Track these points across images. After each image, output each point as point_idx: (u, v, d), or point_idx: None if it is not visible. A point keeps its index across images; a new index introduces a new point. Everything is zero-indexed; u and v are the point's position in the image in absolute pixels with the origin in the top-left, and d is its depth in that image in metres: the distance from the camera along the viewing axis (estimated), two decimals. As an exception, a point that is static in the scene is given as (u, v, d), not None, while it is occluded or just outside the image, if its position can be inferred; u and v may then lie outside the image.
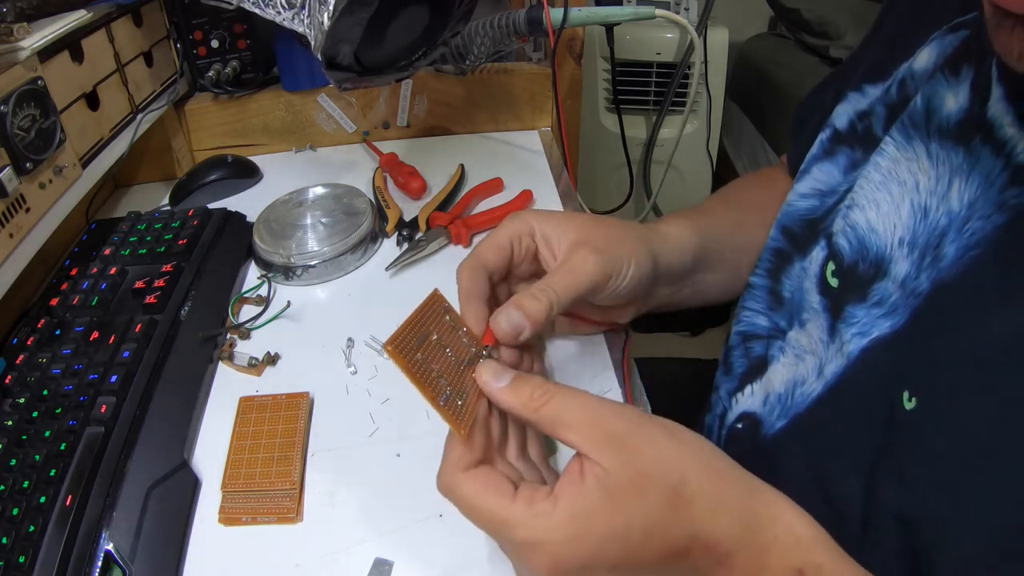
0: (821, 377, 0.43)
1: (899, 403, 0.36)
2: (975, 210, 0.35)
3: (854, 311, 0.41)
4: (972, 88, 0.37)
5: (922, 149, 0.39)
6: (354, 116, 0.83)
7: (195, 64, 0.78)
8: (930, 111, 0.39)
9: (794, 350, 0.46)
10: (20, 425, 0.46)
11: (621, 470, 0.31)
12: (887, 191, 0.41)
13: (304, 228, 0.64)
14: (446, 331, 0.38)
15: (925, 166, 0.39)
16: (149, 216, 0.68)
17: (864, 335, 0.40)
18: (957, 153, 0.37)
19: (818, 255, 0.45)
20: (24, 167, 0.50)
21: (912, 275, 0.38)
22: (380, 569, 0.39)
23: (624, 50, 1.34)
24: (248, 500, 0.43)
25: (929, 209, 0.38)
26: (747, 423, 0.49)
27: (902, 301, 0.38)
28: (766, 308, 0.51)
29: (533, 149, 0.82)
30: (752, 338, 0.52)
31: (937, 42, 0.42)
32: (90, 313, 0.56)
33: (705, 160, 1.44)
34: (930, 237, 0.38)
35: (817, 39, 1.43)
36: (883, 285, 0.39)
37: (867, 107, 0.46)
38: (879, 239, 0.41)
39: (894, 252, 0.39)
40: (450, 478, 0.33)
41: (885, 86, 0.45)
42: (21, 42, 0.51)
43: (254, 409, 0.48)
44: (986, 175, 0.35)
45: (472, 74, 0.81)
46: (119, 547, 0.39)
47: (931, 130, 0.39)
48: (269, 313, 0.59)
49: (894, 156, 0.41)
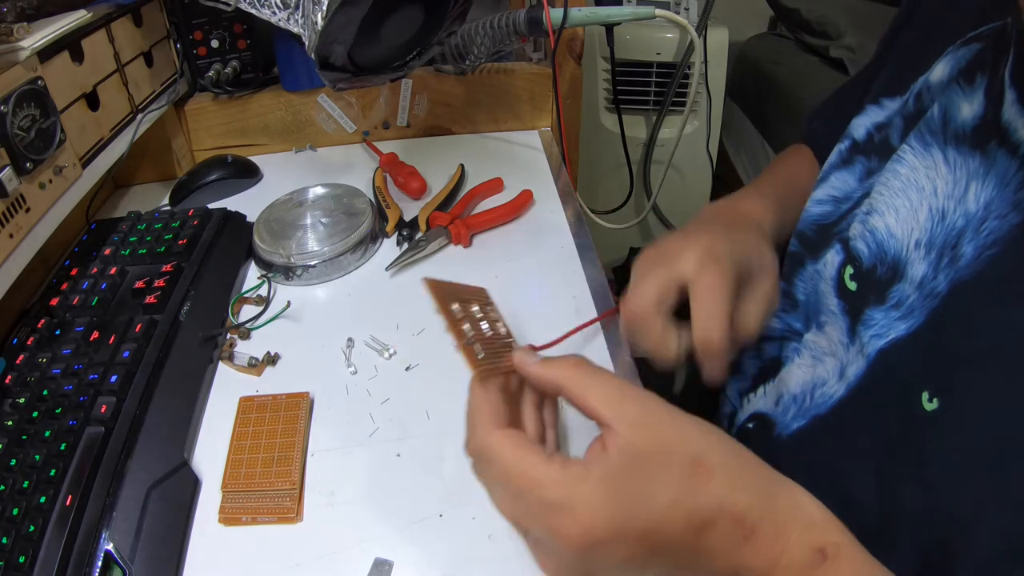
0: (843, 379, 0.43)
1: (919, 403, 0.36)
2: (991, 210, 0.36)
3: (872, 314, 0.41)
4: (986, 95, 0.38)
5: (939, 156, 0.40)
6: (354, 116, 0.83)
7: (195, 64, 0.78)
8: (947, 119, 0.40)
9: (811, 352, 0.47)
10: (20, 425, 0.46)
11: (643, 441, 0.31)
12: (906, 197, 0.41)
13: (304, 228, 0.64)
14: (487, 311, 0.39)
15: (943, 172, 0.40)
16: (149, 216, 0.68)
17: (881, 337, 0.40)
18: (973, 157, 0.38)
19: (833, 259, 0.46)
20: (24, 167, 0.50)
21: (930, 276, 0.39)
22: (380, 569, 0.39)
23: (624, 50, 1.34)
24: (248, 500, 0.43)
25: (947, 212, 0.39)
26: (759, 423, 0.49)
27: (919, 303, 0.39)
28: (779, 310, 0.52)
29: (533, 149, 0.82)
30: (764, 339, 0.52)
31: (951, 55, 0.43)
32: (90, 313, 0.56)
33: (705, 160, 1.44)
34: (947, 238, 0.38)
35: (817, 39, 1.43)
36: (901, 287, 0.40)
37: (885, 119, 0.47)
38: (897, 243, 0.41)
39: (910, 254, 0.40)
40: (484, 435, 0.33)
41: (903, 99, 0.46)
42: (21, 42, 0.51)
43: (254, 409, 0.48)
44: (1001, 176, 0.36)
45: (472, 74, 0.81)
46: (119, 547, 0.39)
47: (948, 137, 0.40)
48: (269, 313, 0.59)
49: (912, 164, 0.42)
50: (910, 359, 0.39)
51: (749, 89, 1.61)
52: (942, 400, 0.35)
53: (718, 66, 1.36)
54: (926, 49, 0.45)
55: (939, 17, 0.47)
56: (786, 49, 1.56)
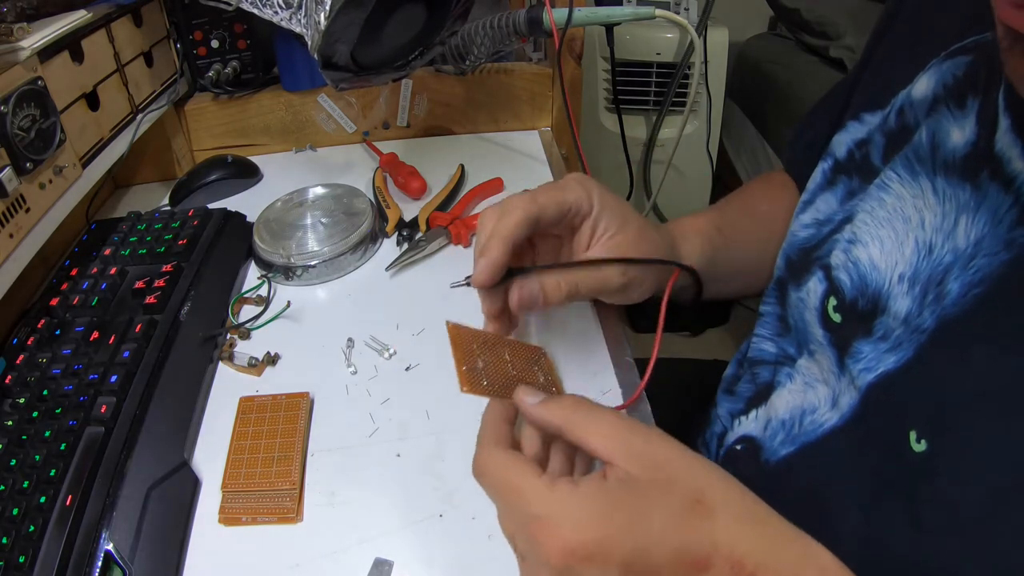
0: (836, 408, 0.42)
1: (907, 443, 0.35)
2: (981, 247, 0.34)
3: (860, 346, 0.40)
4: (978, 119, 0.36)
5: (928, 185, 0.38)
6: (354, 116, 0.83)
7: (195, 64, 0.78)
8: (935, 145, 0.38)
9: (803, 377, 0.46)
10: (20, 425, 0.46)
11: (645, 473, 0.30)
12: (891, 228, 0.40)
13: (304, 228, 0.64)
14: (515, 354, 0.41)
15: (931, 202, 0.38)
16: (149, 216, 0.68)
17: (870, 370, 0.39)
18: (964, 189, 0.36)
19: (815, 287, 0.44)
20: (24, 167, 0.50)
21: (915, 312, 0.37)
22: (380, 569, 0.39)
23: (624, 50, 1.34)
24: (248, 500, 0.43)
25: (934, 246, 0.37)
26: (747, 446, 0.48)
27: (906, 336, 0.37)
28: (774, 334, 0.51)
29: (533, 149, 0.82)
30: (759, 363, 0.52)
31: (935, 69, 0.41)
32: (90, 313, 0.56)
33: (705, 160, 1.44)
34: (933, 273, 0.37)
35: (817, 39, 1.43)
36: (884, 320, 0.39)
37: (866, 135, 0.45)
38: (879, 275, 0.40)
39: (893, 288, 0.39)
40: (485, 454, 0.33)
41: (884, 114, 0.44)
42: (21, 42, 0.51)
43: (254, 409, 0.48)
44: (994, 212, 0.34)
45: (472, 74, 0.81)
46: (119, 547, 0.39)
47: (937, 165, 0.38)
48: (269, 313, 0.59)
49: (899, 193, 0.40)
50: (899, 395, 0.37)
51: (749, 89, 1.61)
52: (931, 442, 0.34)
53: (718, 66, 1.36)
54: (908, 60, 0.43)
55: (921, 25, 0.45)
56: (786, 49, 1.56)
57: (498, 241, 0.40)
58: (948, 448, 0.33)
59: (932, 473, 0.34)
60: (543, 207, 0.42)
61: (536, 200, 0.42)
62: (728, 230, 0.54)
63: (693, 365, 0.79)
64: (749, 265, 0.55)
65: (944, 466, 0.33)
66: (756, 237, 0.55)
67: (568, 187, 0.44)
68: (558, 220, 0.43)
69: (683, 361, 0.79)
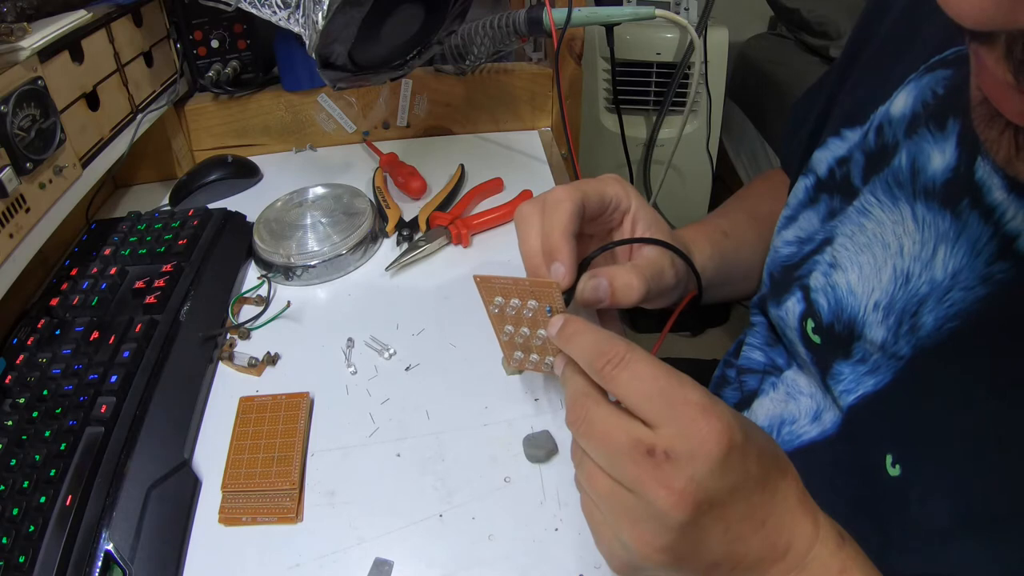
0: (818, 423, 0.42)
1: (883, 466, 0.35)
2: (958, 280, 0.34)
3: (840, 367, 0.40)
4: (959, 143, 0.35)
5: (908, 211, 0.38)
6: (354, 116, 0.83)
7: (195, 64, 0.78)
8: (916, 170, 0.38)
9: (787, 388, 0.46)
10: (20, 425, 0.46)
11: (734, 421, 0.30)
12: (871, 253, 0.40)
13: (304, 228, 0.64)
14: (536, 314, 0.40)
15: (911, 228, 0.37)
16: (149, 216, 0.68)
17: (851, 392, 0.39)
18: (944, 217, 0.35)
19: (794, 307, 0.45)
20: (24, 167, 0.50)
21: (890, 340, 0.37)
22: (380, 569, 0.39)
23: (624, 50, 1.34)
24: (248, 500, 0.43)
25: (911, 275, 0.37)
26: None
27: (884, 361, 0.38)
28: (764, 343, 0.51)
29: (533, 149, 0.82)
30: (747, 372, 0.52)
31: (914, 84, 0.40)
32: (90, 313, 0.56)
33: (705, 160, 1.44)
34: (908, 304, 0.36)
35: (817, 39, 1.43)
36: (861, 345, 0.39)
37: (846, 152, 0.45)
38: (855, 301, 0.40)
39: (868, 315, 0.39)
40: (585, 401, 0.32)
41: (863, 130, 0.43)
42: (21, 42, 0.51)
43: (254, 409, 0.48)
44: (973, 243, 0.34)
45: (472, 74, 0.81)
46: (119, 547, 0.39)
47: (917, 191, 0.37)
48: (269, 313, 0.59)
49: (879, 218, 0.40)
50: (878, 417, 0.37)
51: (749, 89, 1.61)
52: (904, 468, 0.34)
53: (718, 66, 1.36)
54: (886, 74, 0.42)
55: (899, 35, 0.44)
56: (786, 49, 1.56)
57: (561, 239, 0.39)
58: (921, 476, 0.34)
59: (904, 499, 0.34)
60: (587, 195, 0.41)
61: (580, 188, 0.41)
62: (734, 234, 0.54)
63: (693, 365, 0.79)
64: (756, 267, 0.55)
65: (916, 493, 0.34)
66: (761, 239, 0.55)
67: (606, 182, 0.44)
68: (599, 213, 0.43)
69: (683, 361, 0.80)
